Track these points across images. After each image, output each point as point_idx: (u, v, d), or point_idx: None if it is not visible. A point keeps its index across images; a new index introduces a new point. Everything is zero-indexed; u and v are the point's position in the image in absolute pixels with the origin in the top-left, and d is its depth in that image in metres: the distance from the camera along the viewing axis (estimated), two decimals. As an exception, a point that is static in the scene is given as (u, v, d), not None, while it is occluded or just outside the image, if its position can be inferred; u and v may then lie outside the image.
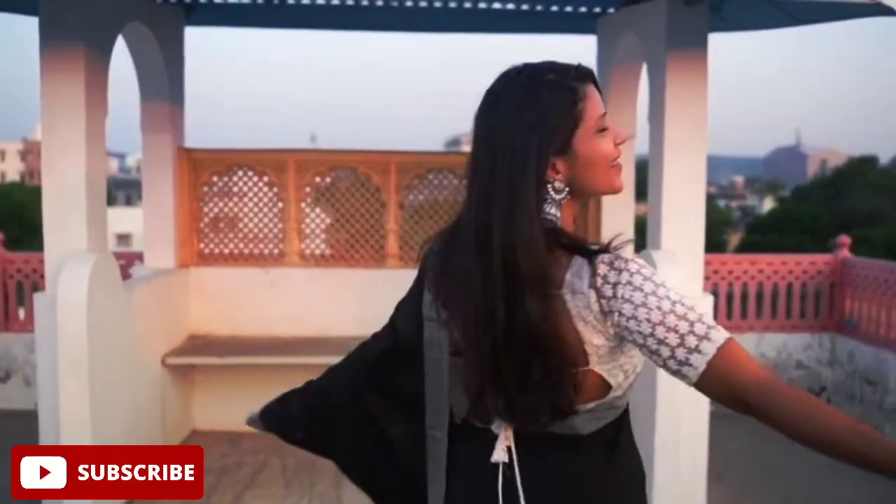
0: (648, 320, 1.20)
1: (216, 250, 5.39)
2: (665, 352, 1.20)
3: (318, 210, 5.42)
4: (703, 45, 3.99)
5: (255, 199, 5.38)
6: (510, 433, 1.34)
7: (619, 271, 1.24)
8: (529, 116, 1.29)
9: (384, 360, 1.58)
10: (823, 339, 6.72)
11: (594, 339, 1.25)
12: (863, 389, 6.27)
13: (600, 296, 1.23)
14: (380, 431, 1.58)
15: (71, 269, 3.71)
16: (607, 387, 1.29)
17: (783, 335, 6.61)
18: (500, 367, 1.27)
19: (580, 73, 1.33)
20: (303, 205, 5.37)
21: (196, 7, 5.26)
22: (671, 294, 1.22)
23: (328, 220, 5.45)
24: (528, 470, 1.33)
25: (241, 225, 5.39)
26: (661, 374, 1.40)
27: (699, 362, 1.18)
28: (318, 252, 5.43)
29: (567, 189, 1.33)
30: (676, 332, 1.19)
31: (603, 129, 1.33)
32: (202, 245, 5.38)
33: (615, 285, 1.23)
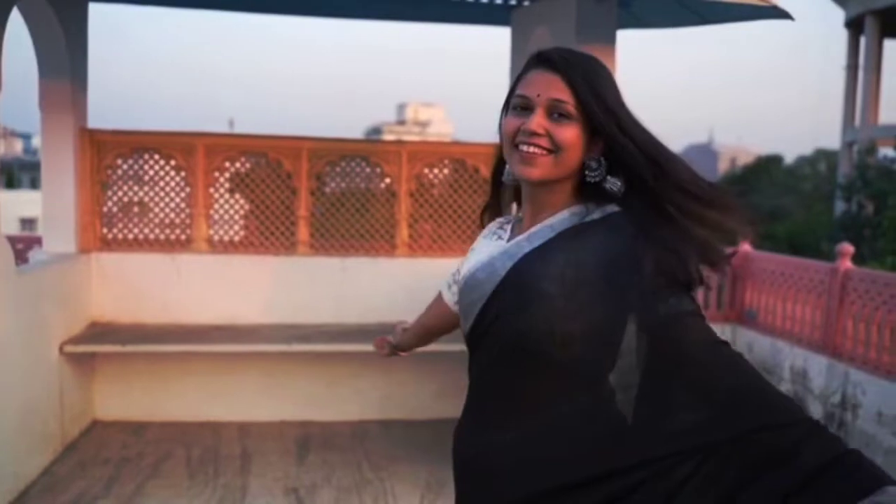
0: None
1: (120, 235, 5.22)
2: None
3: (227, 196, 5.30)
4: (611, 40, 4.07)
5: (162, 184, 5.22)
6: None
7: None
8: None
9: None
10: (725, 329, 6.97)
11: None
12: (760, 378, 6.53)
13: None
14: None
15: (-42, 252, 3.53)
16: None
17: (687, 326, 6.81)
18: None
19: (536, 58, 1.45)
20: (211, 190, 5.25)
21: (100, -18, 5.07)
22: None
23: (239, 206, 5.34)
24: None
25: (146, 210, 5.24)
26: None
27: None
28: (226, 238, 5.32)
29: None
30: None
31: (515, 108, 1.43)
32: (105, 230, 5.19)
33: None
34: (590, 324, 1.31)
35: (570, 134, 1.39)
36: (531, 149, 1.40)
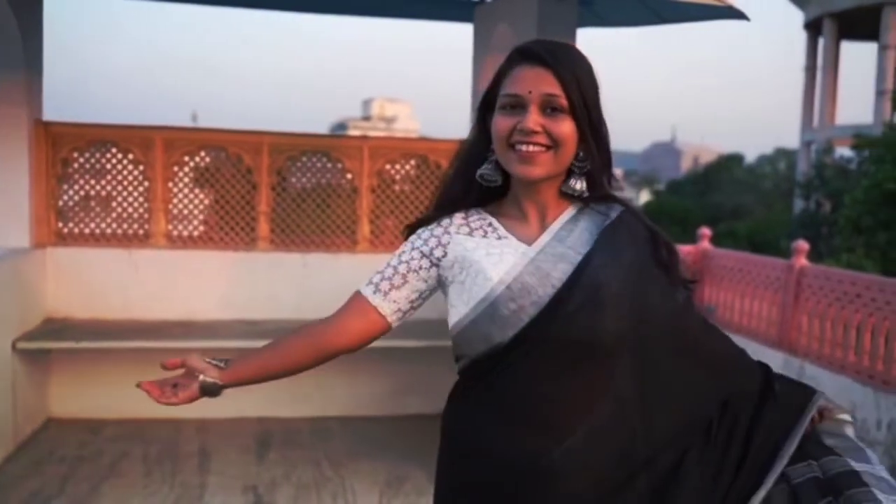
0: None
1: (76, 230, 5.13)
2: None
3: (186, 191, 5.24)
4: (572, 38, 4.09)
5: (120, 178, 5.14)
6: None
7: None
8: None
9: None
10: (684, 325, 7.07)
11: None
12: (718, 373, 6.64)
13: None
14: None
15: None
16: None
17: (648, 322, 6.89)
18: None
19: (520, 54, 1.44)
20: (170, 184, 5.18)
21: (57, -28, 4.98)
22: (395, 254, 1.58)
23: (199, 201, 5.28)
24: None
25: (103, 204, 5.16)
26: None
27: None
28: (185, 234, 5.26)
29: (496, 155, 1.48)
30: None
31: (504, 107, 1.42)
32: (61, 224, 5.10)
33: None
34: (639, 317, 1.42)
35: (566, 128, 1.40)
36: (530, 147, 1.40)
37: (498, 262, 1.44)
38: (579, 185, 1.46)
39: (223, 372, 1.54)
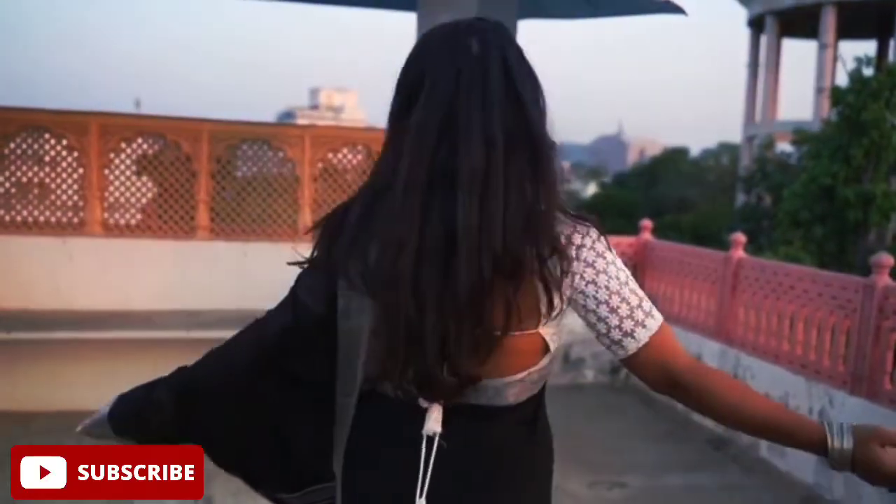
0: (607, 287, 1.24)
1: (7, 217, 4.99)
2: (614, 320, 1.24)
3: (123, 178, 5.13)
4: (513, 29, 4.10)
5: (53, 164, 5.02)
6: (439, 404, 1.29)
7: (584, 235, 1.25)
8: None
9: (284, 340, 1.40)
10: (626, 316, 7.17)
11: (552, 299, 1.24)
12: (658, 363, 6.75)
13: (562, 256, 1.23)
14: (272, 419, 1.45)
15: None
16: (545, 351, 1.30)
17: (590, 312, 6.97)
18: (425, 336, 1.22)
19: None
20: (107, 171, 5.07)
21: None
22: (625, 269, 1.27)
23: (135, 188, 5.17)
24: (456, 441, 1.29)
25: (36, 191, 5.02)
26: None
27: (642, 336, 1.24)
28: (122, 222, 5.16)
29: None
30: (628, 304, 1.24)
31: None
32: (-10, 211, 4.96)
33: (579, 247, 1.25)
34: None
35: None
36: None
37: None
38: None
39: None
